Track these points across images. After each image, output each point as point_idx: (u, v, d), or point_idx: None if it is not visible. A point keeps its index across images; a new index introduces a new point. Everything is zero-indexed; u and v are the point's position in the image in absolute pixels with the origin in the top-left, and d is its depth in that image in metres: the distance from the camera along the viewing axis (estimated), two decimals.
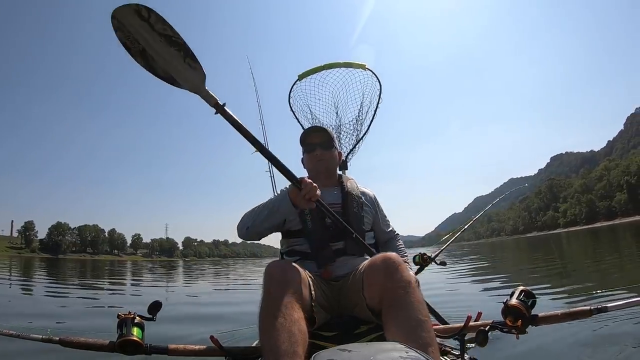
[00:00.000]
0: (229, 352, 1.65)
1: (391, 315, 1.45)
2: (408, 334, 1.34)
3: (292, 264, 1.62)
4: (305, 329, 1.40)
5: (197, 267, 30.50)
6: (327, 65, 2.96)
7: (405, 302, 1.44)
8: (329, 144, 2.16)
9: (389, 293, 1.49)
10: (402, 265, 1.57)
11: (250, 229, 1.98)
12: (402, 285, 1.48)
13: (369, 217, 2.18)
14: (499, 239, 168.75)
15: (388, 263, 1.56)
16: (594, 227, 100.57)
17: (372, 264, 1.63)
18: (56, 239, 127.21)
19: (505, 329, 1.66)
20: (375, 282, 1.57)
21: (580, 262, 11.28)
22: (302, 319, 1.43)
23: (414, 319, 1.40)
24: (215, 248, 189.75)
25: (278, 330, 1.34)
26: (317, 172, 2.17)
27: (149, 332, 1.64)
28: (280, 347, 1.29)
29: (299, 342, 1.33)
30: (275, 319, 1.37)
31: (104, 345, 1.58)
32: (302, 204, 1.77)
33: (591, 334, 2.97)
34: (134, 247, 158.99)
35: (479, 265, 13.89)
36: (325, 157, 2.15)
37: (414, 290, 1.49)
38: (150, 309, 1.63)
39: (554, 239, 39.57)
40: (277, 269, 1.55)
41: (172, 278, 16.77)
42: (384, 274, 1.54)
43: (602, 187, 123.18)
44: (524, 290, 1.69)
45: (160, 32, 1.52)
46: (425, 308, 1.47)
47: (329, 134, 2.18)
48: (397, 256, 1.61)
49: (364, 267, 1.71)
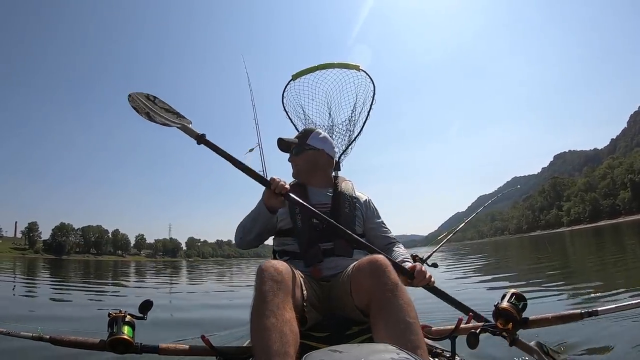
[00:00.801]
0: (220, 352, 1.64)
1: (379, 317, 1.44)
2: (396, 336, 1.34)
3: (284, 264, 1.60)
4: (296, 329, 1.40)
5: (198, 268, 30.55)
6: (321, 65, 2.95)
7: (393, 305, 1.44)
8: (298, 149, 2.22)
9: (376, 295, 1.49)
10: (389, 267, 1.56)
11: (243, 239, 2.08)
12: (389, 288, 1.48)
13: (361, 219, 2.17)
14: (502, 237, 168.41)
15: (375, 265, 1.56)
16: (597, 225, 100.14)
17: (359, 266, 1.63)
18: (60, 239, 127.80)
19: (496, 332, 1.67)
20: (362, 284, 1.57)
21: (582, 262, 11.26)
22: (293, 319, 1.42)
23: (402, 321, 1.39)
24: (218, 248, 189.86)
25: (269, 330, 1.33)
26: (297, 175, 2.25)
27: (140, 331, 1.64)
28: (272, 347, 1.28)
29: (291, 342, 1.32)
30: (266, 319, 1.36)
31: (95, 343, 1.58)
32: (273, 201, 1.87)
33: (582, 336, 2.96)
34: (138, 247, 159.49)
35: (476, 265, 13.86)
36: (295, 162, 2.24)
37: (401, 292, 1.48)
38: (141, 308, 1.63)
39: (556, 238, 39.47)
40: (269, 269, 1.54)
41: (175, 278, 16.81)
42: (370, 276, 1.54)
43: (606, 186, 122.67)
44: (515, 293, 1.69)
45: (161, 106, 1.97)
46: (414, 310, 1.46)
47: (287, 141, 2.24)
48: (384, 258, 1.61)
49: (351, 269, 1.71)
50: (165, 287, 12.21)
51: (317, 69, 2.93)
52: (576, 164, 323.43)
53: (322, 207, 2.05)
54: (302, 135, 2.29)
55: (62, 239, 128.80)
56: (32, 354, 2.98)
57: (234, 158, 1.90)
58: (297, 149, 2.22)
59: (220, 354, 1.64)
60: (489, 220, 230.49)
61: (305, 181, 2.21)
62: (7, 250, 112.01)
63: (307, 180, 2.21)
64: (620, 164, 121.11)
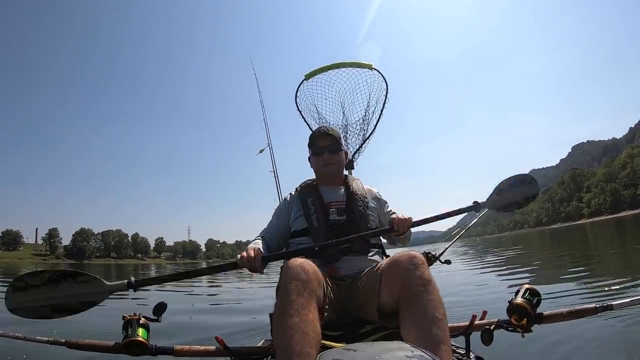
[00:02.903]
0: (235, 353, 1.66)
1: (408, 311, 1.46)
2: (423, 331, 1.36)
3: (310, 262, 1.60)
4: (319, 330, 1.40)
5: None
6: (334, 65, 2.97)
7: (424, 299, 1.46)
8: (337, 147, 2.23)
9: (408, 290, 1.50)
10: (425, 264, 1.58)
11: None
12: (422, 283, 1.50)
13: (375, 215, 2.19)
14: (522, 231, 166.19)
15: (412, 261, 1.57)
16: (619, 216, 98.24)
17: (396, 261, 1.63)
18: (80, 244, 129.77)
19: (510, 328, 1.65)
20: (396, 278, 1.59)
21: (602, 254, 11.03)
22: (316, 319, 1.43)
23: (430, 316, 1.40)
24: (237, 249, 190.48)
25: (293, 329, 1.34)
26: (325, 174, 2.24)
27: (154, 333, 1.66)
28: (294, 347, 1.29)
29: (312, 343, 1.33)
30: (290, 318, 1.37)
31: (110, 346, 1.60)
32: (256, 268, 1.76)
33: (598, 331, 2.93)
34: (158, 250, 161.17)
35: (492, 260, 13.69)
36: (333, 161, 2.22)
37: (433, 289, 1.50)
38: (155, 310, 1.65)
39: (577, 230, 38.79)
40: (295, 267, 1.54)
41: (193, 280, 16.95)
42: (406, 271, 1.55)
43: (626, 175, 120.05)
44: (530, 289, 1.67)
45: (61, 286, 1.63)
46: (443, 307, 1.47)
47: (337, 137, 2.24)
48: (420, 255, 1.63)
49: (384, 265, 1.73)
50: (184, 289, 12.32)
51: (330, 69, 2.94)
52: (595, 154, 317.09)
53: (337, 204, 2.12)
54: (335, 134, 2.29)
55: (83, 244, 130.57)
56: (47, 357, 3.03)
57: (179, 274, 1.88)
58: (335, 147, 2.23)
59: (235, 354, 1.66)
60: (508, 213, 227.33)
61: (325, 179, 2.25)
62: (28, 256, 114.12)
63: (326, 179, 2.25)
64: None
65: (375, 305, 1.66)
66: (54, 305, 1.61)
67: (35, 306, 1.59)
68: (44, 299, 1.59)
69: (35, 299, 1.58)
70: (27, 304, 1.58)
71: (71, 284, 1.63)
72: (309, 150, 2.29)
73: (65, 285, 1.62)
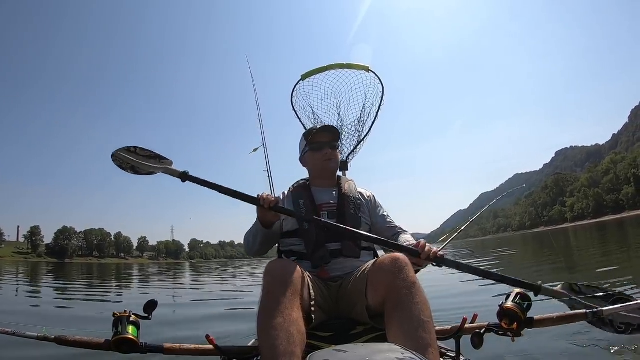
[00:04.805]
0: (225, 352, 1.63)
1: (394, 315, 1.44)
2: (409, 334, 1.34)
3: (292, 263, 1.60)
4: (303, 329, 1.40)
5: (201, 269, 30.59)
6: (330, 66, 2.95)
7: (409, 302, 1.44)
8: (337, 144, 2.21)
9: (393, 293, 1.48)
10: (409, 265, 1.56)
11: (250, 250, 2.15)
12: (407, 285, 1.48)
13: (367, 218, 2.16)
14: (505, 235, 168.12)
15: (395, 263, 1.55)
16: (601, 221, 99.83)
17: (380, 264, 1.62)
18: (62, 243, 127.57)
19: (500, 332, 1.65)
20: (380, 281, 1.56)
21: (587, 258, 11.19)
22: (300, 319, 1.42)
23: (416, 319, 1.39)
24: (221, 249, 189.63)
25: (277, 329, 1.33)
26: (325, 170, 2.20)
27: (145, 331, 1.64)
28: (279, 347, 1.28)
29: (297, 342, 1.32)
30: (274, 319, 1.36)
31: (100, 343, 1.57)
32: (267, 217, 1.92)
33: (587, 335, 2.96)
34: (140, 250, 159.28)
35: (483, 264, 13.80)
36: (334, 157, 2.19)
37: (418, 291, 1.48)
38: (146, 307, 1.62)
39: (560, 234, 39.36)
40: (277, 268, 1.54)
41: (178, 279, 16.83)
42: (390, 274, 1.53)
43: (609, 181, 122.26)
44: (520, 293, 1.67)
45: (143, 155, 2.03)
46: (429, 309, 1.45)
47: (339, 134, 2.23)
48: (404, 257, 1.60)
49: (370, 267, 1.71)
50: (168, 288, 12.21)
51: (327, 69, 2.94)
52: (578, 159, 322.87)
53: (328, 206, 2.09)
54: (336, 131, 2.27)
55: (65, 242, 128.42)
56: (37, 354, 2.99)
57: (221, 186, 1.92)
58: (336, 144, 2.22)
59: (225, 354, 1.63)
60: (491, 217, 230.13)
61: (321, 177, 2.22)
62: (9, 254, 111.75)
63: (324, 177, 2.22)
64: (623, 159, 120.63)
65: (364, 306, 1.65)
66: (134, 165, 2.00)
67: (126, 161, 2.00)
68: (132, 161, 2.00)
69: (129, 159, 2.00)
70: (123, 159, 2.00)
71: (149, 156, 2.02)
72: (303, 148, 2.25)
73: (145, 157, 2.03)
